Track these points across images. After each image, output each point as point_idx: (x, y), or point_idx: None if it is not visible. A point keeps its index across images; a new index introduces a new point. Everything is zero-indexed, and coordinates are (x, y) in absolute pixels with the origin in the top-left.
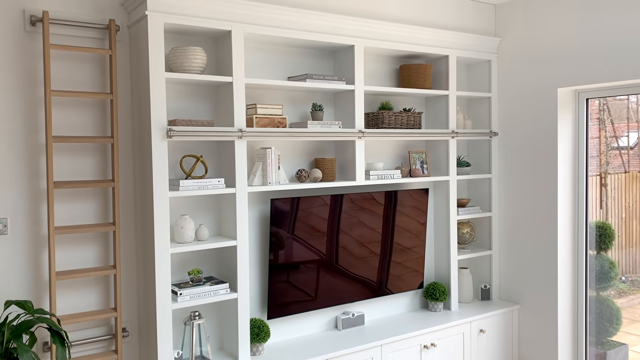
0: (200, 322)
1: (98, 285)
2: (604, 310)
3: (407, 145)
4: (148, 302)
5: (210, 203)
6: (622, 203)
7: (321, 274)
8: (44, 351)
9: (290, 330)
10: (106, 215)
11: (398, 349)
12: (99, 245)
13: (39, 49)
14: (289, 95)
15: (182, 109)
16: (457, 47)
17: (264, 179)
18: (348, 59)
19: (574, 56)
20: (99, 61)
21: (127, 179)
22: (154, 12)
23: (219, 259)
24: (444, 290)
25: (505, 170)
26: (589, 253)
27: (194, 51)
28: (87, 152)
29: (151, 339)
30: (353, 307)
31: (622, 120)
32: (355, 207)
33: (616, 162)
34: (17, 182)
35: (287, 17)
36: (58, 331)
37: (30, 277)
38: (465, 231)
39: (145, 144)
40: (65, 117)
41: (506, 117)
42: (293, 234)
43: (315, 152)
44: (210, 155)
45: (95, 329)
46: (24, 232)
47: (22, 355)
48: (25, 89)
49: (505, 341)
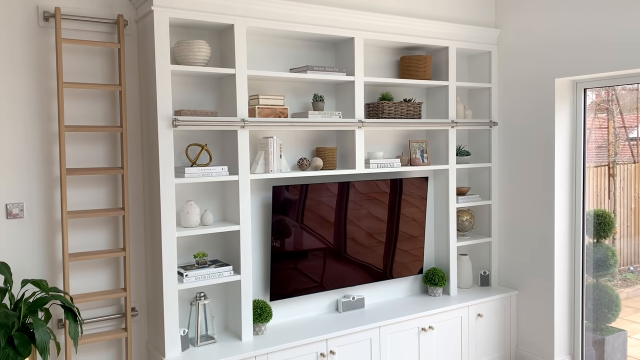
0: (205, 303)
1: (108, 267)
2: (603, 297)
3: (407, 135)
4: (156, 283)
5: (214, 190)
6: (631, 193)
7: (322, 257)
8: (59, 328)
9: (292, 312)
10: (116, 201)
11: (396, 331)
12: (110, 229)
13: (52, 43)
14: (290, 86)
15: (187, 100)
16: (457, 39)
17: (266, 167)
18: (348, 51)
19: (571, 47)
20: (109, 54)
21: (136, 166)
22: (160, 7)
23: (224, 243)
24: (443, 275)
25: (505, 160)
26: (585, 240)
27: (198, 44)
28: (97, 140)
29: (158, 318)
30: (354, 290)
31: (632, 112)
32: (357, 194)
33: (625, 153)
34: (32, 168)
35: (288, 10)
36: (71, 308)
37: (45, 258)
38: (465, 219)
39: (152, 133)
40: (77, 108)
41: (506, 107)
42: (294, 219)
43: (316, 141)
44: (215, 144)
45: (106, 308)
46: (39, 216)
47: (38, 329)
48: (39, 81)
49: (502, 326)
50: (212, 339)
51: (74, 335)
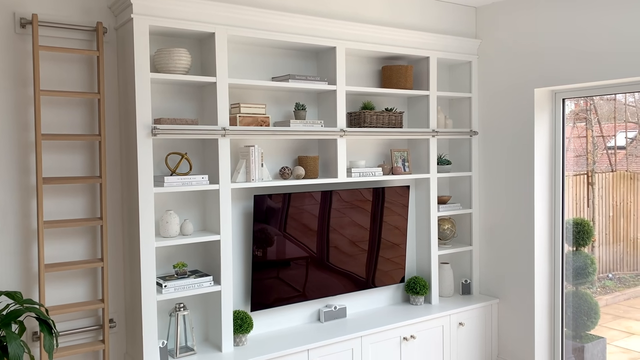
0: (185, 314)
1: (86, 278)
2: (582, 305)
3: (389, 144)
4: (134, 294)
5: (195, 199)
6: (609, 202)
7: (304, 266)
8: (33, 341)
9: (273, 322)
10: (94, 210)
11: (378, 341)
12: (87, 239)
13: (29, 50)
14: (272, 95)
15: (167, 108)
16: (438, 49)
17: (248, 176)
18: (330, 60)
19: (549, 57)
20: (87, 62)
21: (114, 176)
22: (140, 15)
23: (204, 253)
24: (424, 284)
25: (485, 169)
26: (565, 249)
27: (179, 52)
28: (75, 149)
29: (137, 330)
30: (336, 300)
31: (609, 121)
32: (339, 202)
33: (604, 162)
34: (8, 178)
35: (270, 19)
36: (46, 320)
37: (20, 269)
38: (446, 227)
39: (131, 142)
40: (55, 116)
41: (486, 117)
42: (276, 227)
43: (299, 150)
44: (195, 152)
45: (83, 320)
46: (15, 225)
47: (11, 342)
48: (15, 89)
49: (484, 334)
50: (192, 350)
51: (49, 349)
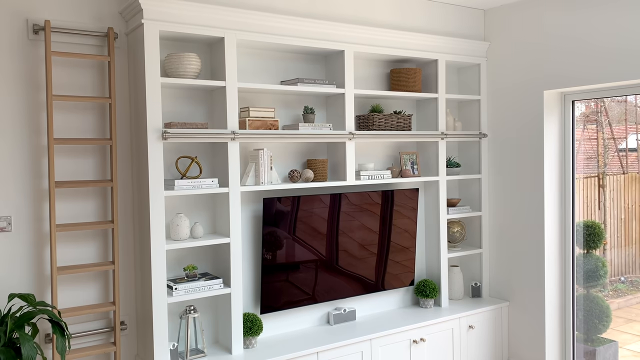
0: (195, 316)
1: (97, 281)
2: (594, 308)
3: (398, 147)
4: (145, 296)
5: (205, 202)
6: (621, 204)
7: (314, 269)
8: (46, 342)
9: (283, 324)
10: (105, 214)
11: (387, 343)
12: (98, 242)
13: (42, 55)
14: (281, 99)
15: (177, 112)
16: (446, 52)
17: (257, 179)
18: (338, 64)
19: (558, 59)
20: (99, 67)
21: (125, 179)
22: (150, 21)
23: (214, 256)
24: (434, 287)
25: (495, 171)
26: (576, 251)
27: (189, 57)
28: (87, 153)
29: (148, 332)
30: (345, 303)
31: (620, 123)
32: (348, 205)
33: (615, 164)
34: (21, 181)
35: (279, 23)
36: (58, 322)
37: (33, 271)
38: (456, 230)
39: (142, 146)
40: (66, 120)
41: (495, 119)
42: (286, 230)
43: (307, 153)
44: (205, 156)
45: (95, 322)
46: (27, 229)
47: (24, 344)
48: (28, 94)
49: (494, 337)
50: (202, 352)
51: (62, 350)
